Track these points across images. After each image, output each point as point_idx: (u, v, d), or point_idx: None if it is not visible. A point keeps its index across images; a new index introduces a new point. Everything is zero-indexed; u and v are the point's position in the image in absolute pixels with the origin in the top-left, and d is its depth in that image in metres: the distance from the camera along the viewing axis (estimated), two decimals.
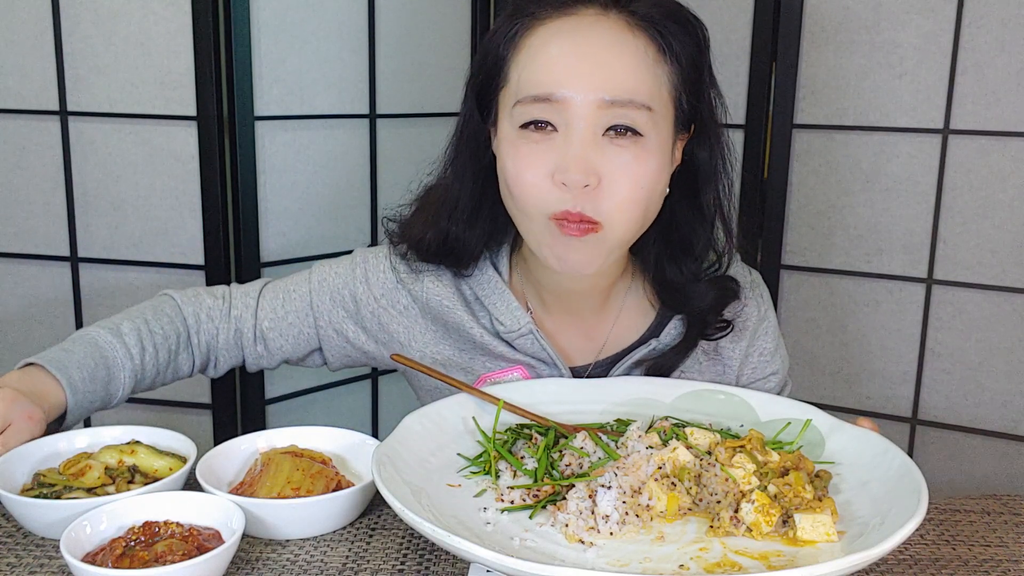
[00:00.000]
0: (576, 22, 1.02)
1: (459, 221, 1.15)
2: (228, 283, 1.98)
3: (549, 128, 1.02)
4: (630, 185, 1.01)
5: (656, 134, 1.03)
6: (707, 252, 1.15)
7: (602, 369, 1.20)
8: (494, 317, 1.17)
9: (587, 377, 1.19)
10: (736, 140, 1.86)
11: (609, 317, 1.21)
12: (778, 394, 1.25)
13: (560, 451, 0.97)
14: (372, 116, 2.09)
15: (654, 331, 1.20)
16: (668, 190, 1.09)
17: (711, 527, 0.85)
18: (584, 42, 1.01)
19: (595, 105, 0.99)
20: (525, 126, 1.03)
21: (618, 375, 1.18)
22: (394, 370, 1.35)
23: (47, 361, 1.11)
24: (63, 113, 1.91)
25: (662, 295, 1.19)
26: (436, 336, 1.21)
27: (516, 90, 1.03)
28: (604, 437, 1.00)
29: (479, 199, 1.14)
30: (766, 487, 0.88)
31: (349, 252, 1.26)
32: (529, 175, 1.02)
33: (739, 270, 1.22)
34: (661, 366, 1.17)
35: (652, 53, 1.02)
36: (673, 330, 1.18)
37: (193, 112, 1.88)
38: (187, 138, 1.90)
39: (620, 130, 1.01)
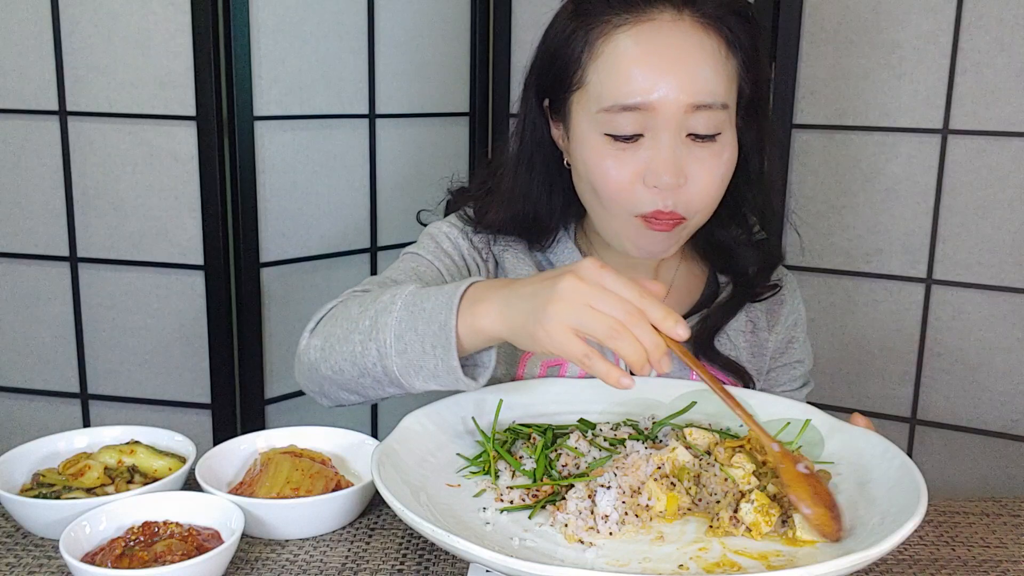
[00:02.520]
0: (654, 27, 1.03)
1: (533, 205, 1.18)
2: (227, 284, 1.97)
3: (638, 137, 1.05)
4: (712, 179, 1.06)
5: (730, 127, 1.08)
6: (751, 215, 1.21)
7: None
8: None
9: None
10: None
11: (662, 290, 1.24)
12: (801, 387, 1.29)
13: (557, 451, 0.97)
14: (372, 116, 2.09)
15: (704, 303, 1.24)
16: None
17: (710, 527, 0.85)
18: (666, 49, 1.03)
19: (682, 111, 1.02)
20: (614, 136, 1.05)
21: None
22: None
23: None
24: (62, 113, 1.91)
25: (710, 256, 1.25)
26: None
27: (598, 97, 1.05)
28: (603, 439, 1.00)
29: (550, 185, 1.18)
30: (765, 487, 0.88)
31: (349, 252, 1.26)
32: (617, 178, 1.05)
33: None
34: (706, 328, 1.20)
35: (723, 50, 1.05)
36: (723, 299, 1.22)
37: (192, 112, 1.88)
38: (186, 138, 1.90)
39: (704, 138, 1.04)
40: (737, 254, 1.22)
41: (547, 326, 0.82)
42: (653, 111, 1.02)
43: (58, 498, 0.94)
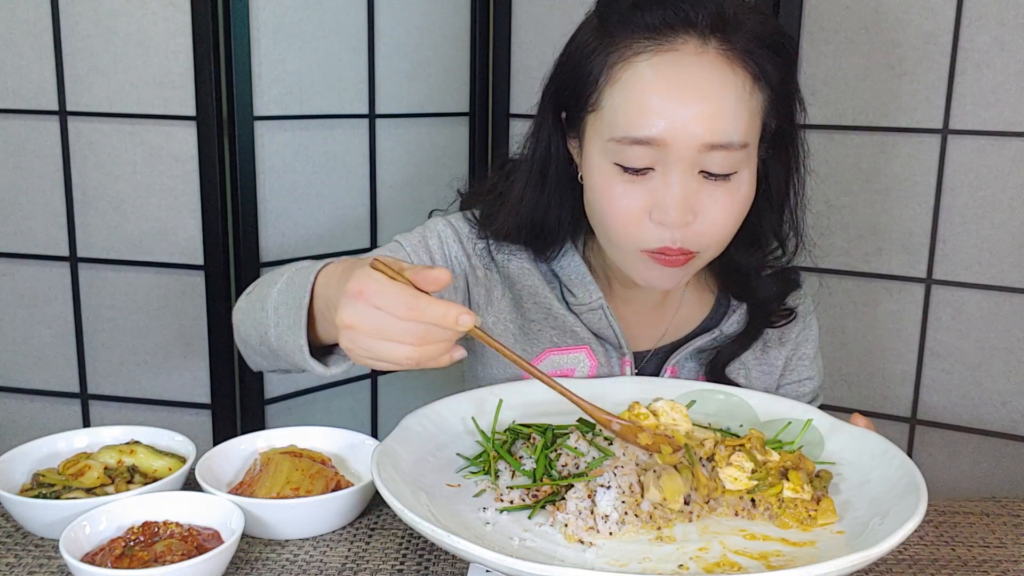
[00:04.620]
0: (675, 59, 0.99)
1: (542, 215, 1.15)
2: (227, 284, 1.96)
3: (648, 171, 1.01)
4: (725, 217, 1.03)
5: (748, 164, 1.03)
6: (771, 241, 1.17)
7: (662, 356, 1.21)
8: (566, 288, 1.18)
9: (646, 363, 1.21)
10: None
11: (671, 305, 1.23)
12: (810, 402, 1.26)
13: (557, 451, 0.97)
14: (371, 116, 2.08)
15: (714, 319, 1.22)
16: None
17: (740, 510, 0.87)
18: (686, 84, 0.98)
19: (696, 149, 0.98)
20: (624, 167, 1.01)
21: (674, 363, 1.19)
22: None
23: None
24: (62, 113, 1.91)
25: (728, 284, 1.22)
26: (510, 304, 1.20)
27: (611, 124, 1.01)
28: (602, 439, 1.00)
29: (561, 197, 1.14)
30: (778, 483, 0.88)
31: (349, 252, 1.25)
32: (625, 211, 1.02)
33: None
34: (721, 356, 1.19)
35: (748, 85, 1.01)
36: (735, 320, 1.20)
37: (192, 112, 1.88)
38: (186, 138, 1.89)
39: (718, 178, 1.01)
40: (754, 282, 1.18)
41: (347, 351, 0.83)
42: (665, 147, 0.98)
43: (58, 498, 0.94)
